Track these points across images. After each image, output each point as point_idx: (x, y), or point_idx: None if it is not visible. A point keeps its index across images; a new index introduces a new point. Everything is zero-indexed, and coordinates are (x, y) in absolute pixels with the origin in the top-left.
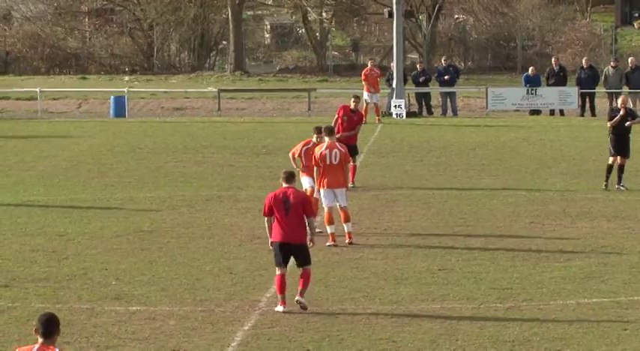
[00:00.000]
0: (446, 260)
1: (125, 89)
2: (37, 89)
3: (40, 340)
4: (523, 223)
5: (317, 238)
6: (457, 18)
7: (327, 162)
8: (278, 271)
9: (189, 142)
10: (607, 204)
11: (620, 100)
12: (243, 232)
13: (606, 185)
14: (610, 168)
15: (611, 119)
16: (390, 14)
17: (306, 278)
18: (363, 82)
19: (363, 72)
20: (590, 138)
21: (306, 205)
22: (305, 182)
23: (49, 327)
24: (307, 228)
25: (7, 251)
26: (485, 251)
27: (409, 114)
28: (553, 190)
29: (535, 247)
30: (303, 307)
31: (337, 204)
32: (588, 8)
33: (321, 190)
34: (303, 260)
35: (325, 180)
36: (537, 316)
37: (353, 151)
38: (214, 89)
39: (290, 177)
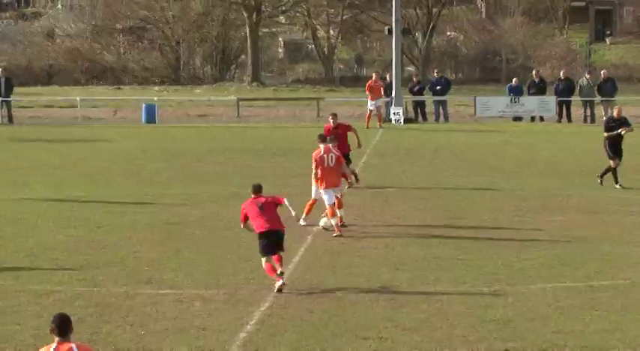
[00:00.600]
0: (439, 249)
1: (155, 98)
2: (77, 98)
3: (57, 338)
4: (506, 216)
5: (323, 231)
6: (449, 35)
7: (325, 165)
8: (266, 260)
9: (212, 145)
10: (580, 200)
11: (615, 111)
12: None
13: (618, 184)
14: (611, 169)
15: (606, 128)
16: (390, 32)
17: (280, 259)
18: (368, 93)
19: (368, 83)
20: (566, 142)
21: (274, 200)
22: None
23: (63, 326)
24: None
25: (53, 241)
26: (474, 241)
27: (406, 120)
28: (533, 187)
29: (517, 237)
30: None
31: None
32: (565, 26)
33: (322, 190)
34: (280, 247)
35: (324, 181)
36: (519, 299)
37: (346, 159)
38: (234, 98)
39: (258, 189)
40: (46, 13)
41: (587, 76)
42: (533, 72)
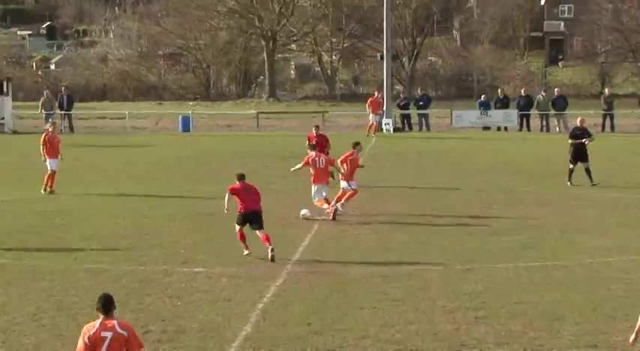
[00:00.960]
0: (422, 235)
1: (190, 111)
2: (126, 111)
3: (102, 316)
4: (477, 208)
5: (324, 220)
6: (430, 60)
7: (317, 166)
8: (239, 229)
9: (236, 149)
10: (538, 195)
11: (579, 121)
12: (275, 215)
13: (570, 182)
14: (571, 171)
15: (571, 135)
16: (382, 57)
17: (266, 237)
18: (368, 107)
19: (370, 100)
20: (526, 147)
21: (255, 189)
22: (344, 184)
23: (107, 305)
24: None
25: (105, 229)
26: (450, 228)
27: (395, 129)
28: (499, 185)
29: (486, 225)
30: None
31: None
32: (525, 52)
33: (314, 186)
34: (260, 225)
35: (317, 179)
36: (488, 275)
37: None
38: (254, 111)
39: (243, 177)
40: (100, 41)
41: (543, 94)
42: (499, 90)
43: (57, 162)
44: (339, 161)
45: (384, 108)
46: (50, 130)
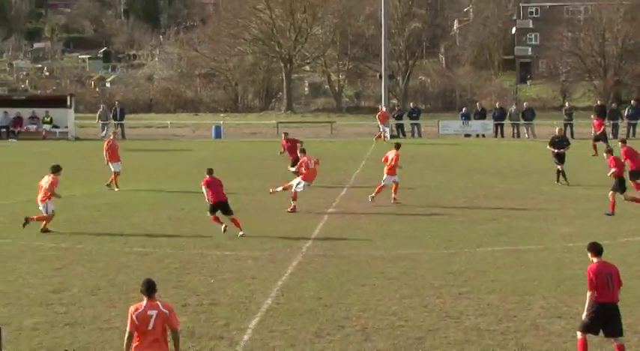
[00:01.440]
0: (414, 224)
1: (221, 121)
2: (168, 121)
3: (145, 298)
4: (460, 202)
5: (335, 213)
6: (420, 78)
7: (308, 167)
8: (213, 215)
9: (259, 154)
10: (511, 191)
11: (557, 130)
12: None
13: (558, 181)
14: (559, 172)
15: (551, 142)
16: (380, 76)
17: (236, 221)
18: (378, 118)
19: (379, 113)
20: (501, 151)
21: (220, 181)
22: (389, 180)
23: (150, 289)
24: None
25: (148, 219)
26: (437, 217)
27: (392, 136)
28: (479, 182)
29: (467, 215)
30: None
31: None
32: (499, 72)
33: (302, 182)
34: (229, 211)
35: (306, 176)
36: (469, 258)
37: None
38: (274, 121)
39: (212, 171)
40: (147, 63)
41: (514, 107)
42: (477, 104)
43: (119, 165)
44: (398, 161)
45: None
46: (112, 138)
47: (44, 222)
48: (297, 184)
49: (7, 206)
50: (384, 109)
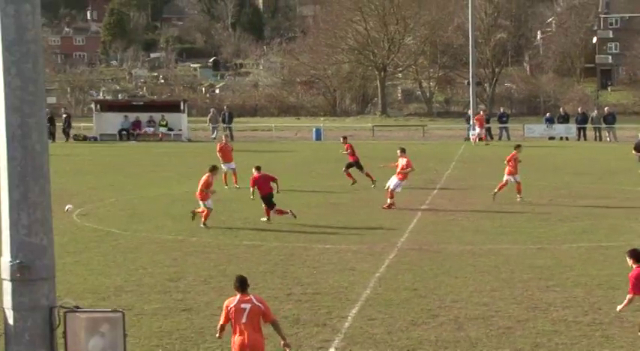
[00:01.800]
0: (502, 221)
1: (321, 125)
2: (272, 125)
3: (239, 294)
4: (546, 200)
5: (428, 210)
6: (506, 85)
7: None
8: (275, 208)
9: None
10: (593, 191)
11: None
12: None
13: None
14: None
15: (636, 148)
16: (468, 83)
17: (269, 211)
18: (476, 122)
19: (477, 117)
20: (584, 153)
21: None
22: (511, 177)
23: (243, 284)
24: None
25: (258, 214)
26: (525, 215)
27: (480, 139)
28: (562, 181)
29: (553, 213)
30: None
31: None
32: (581, 79)
33: (400, 182)
34: (272, 203)
35: (404, 177)
36: (555, 253)
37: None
38: (370, 124)
39: (260, 168)
40: (252, 72)
41: (596, 112)
42: (561, 109)
43: (232, 164)
44: (508, 160)
45: (471, 122)
46: (224, 141)
47: (204, 217)
48: (396, 184)
49: (128, 201)
50: (482, 113)
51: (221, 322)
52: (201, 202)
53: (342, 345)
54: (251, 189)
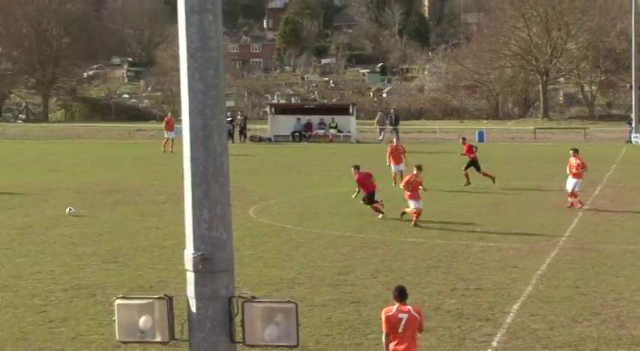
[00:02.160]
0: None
1: (484, 127)
2: (437, 127)
3: (397, 303)
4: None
5: (588, 210)
6: None
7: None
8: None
9: (517, 156)
10: None
11: None
12: (551, 203)
13: None
14: None
15: None
16: (630, 87)
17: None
18: None
19: None
20: None
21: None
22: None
23: (402, 294)
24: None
25: (427, 211)
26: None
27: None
28: None
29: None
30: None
31: None
32: None
33: (577, 180)
34: (374, 200)
35: (579, 175)
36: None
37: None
38: (532, 127)
39: (359, 167)
40: (418, 76)
41: None
42: None
43: (401, 166)
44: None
45: (633, 124)
46: (394, 144)
47: (415, 217)
48: (574, 184)
49: (300, 199)
50: None
51: (384, 331)
52: (411, 202)
53: (504, 339)
54: (357, 189)
